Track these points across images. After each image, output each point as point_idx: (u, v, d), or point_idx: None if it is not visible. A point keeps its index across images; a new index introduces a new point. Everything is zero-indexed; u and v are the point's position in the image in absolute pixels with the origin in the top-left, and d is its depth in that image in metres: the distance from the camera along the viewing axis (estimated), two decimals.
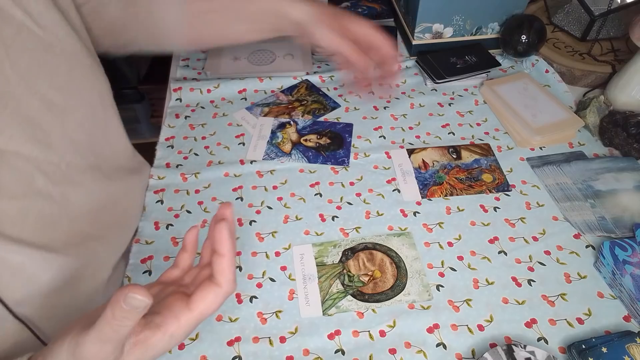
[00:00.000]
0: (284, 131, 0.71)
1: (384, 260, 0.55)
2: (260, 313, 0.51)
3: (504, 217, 0.60)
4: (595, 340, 0.46)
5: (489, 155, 0.68)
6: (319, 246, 0.57)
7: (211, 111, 0.75)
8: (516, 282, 0.53)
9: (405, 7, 0.86)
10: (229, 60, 0.83)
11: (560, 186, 0.63)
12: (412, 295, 0.52)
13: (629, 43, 0.83)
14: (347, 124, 0.73)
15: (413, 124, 0.73)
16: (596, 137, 0.70)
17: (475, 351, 0.48)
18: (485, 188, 0.63)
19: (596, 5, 0.81)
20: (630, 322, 0.50)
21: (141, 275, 0.54)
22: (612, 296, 0.52)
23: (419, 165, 0.66)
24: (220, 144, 0.70)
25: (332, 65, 0.84)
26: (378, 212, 0.61)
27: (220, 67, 0.81)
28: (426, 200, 0.62)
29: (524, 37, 0.76)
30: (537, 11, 0.93)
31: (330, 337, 0.49)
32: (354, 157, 0.68)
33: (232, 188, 0.63)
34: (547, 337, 0.49)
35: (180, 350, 0.48)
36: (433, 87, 0.79)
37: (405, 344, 0.48)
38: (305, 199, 0.62)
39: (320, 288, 0.53)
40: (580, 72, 0.79)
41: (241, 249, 0.57)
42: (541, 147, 0.69)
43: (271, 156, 0.68)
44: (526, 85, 0.75)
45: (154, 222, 0.59)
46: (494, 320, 0.50)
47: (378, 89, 0.77)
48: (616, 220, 0.58)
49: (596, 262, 0.55)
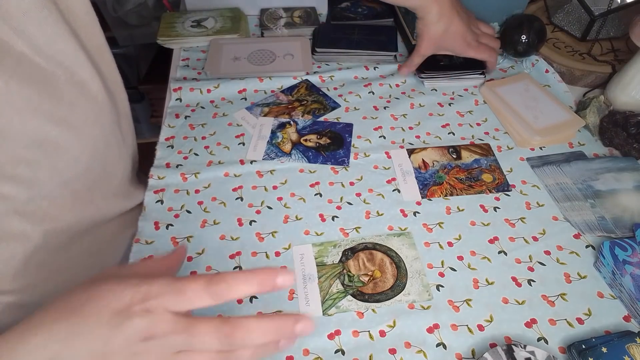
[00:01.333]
0: (284, 131, 0.71)
1: (384, 260, 0.55)
2: (260, 313, 0.51)
3: (504, 217, 0.60)
4: (595, 340, 0.46)
5: (489, 155, 0.68)
6: (319, 246, 0.57)
7: (211, 111, 0.75)
8: (516, 282, 0.53)
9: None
10: (229, 60, 0.83)
11: (560, 186, 0.63)
12: (412, 295, 0.52)
13: (629, 43, 0.83)
14: (347, 124, 0.73)
15: (413, 124, 0.73)
16: (596, 137, 0.70)
17: (475, 351, 0.48)
18: (485, 188, 0.63)
19: (596, 5, 0.81)
20: (630, 322, 0.50)
21: None
22: (612, 296, 0.52)
23: (419, 165, 0.66)
24: (220, 144, 0.70)
25: (332, 65, 0.84)
26: (378, 212, 0.61)
27: (220, 67, 0.81)
28: (426, 200, 0.62)
29: (524, 37, 0.76)
30: (537, 11, 0.93)
31: (330, 337, 0.49)
32: (354, 157, 0.68)
33: (232, 188, 0.63)
34: (547, 337, 0.49)
35: None
36: (433, 87, 0.79)
37: (405, 344, 0.48)
38: (305, 199, 0.62)
39: (320, 288, 0.53)
40: (580, 72, 0.79)
41: (241, 249, 0.57)
42: (541, 147, 0.69)
43: (271, 156, 0.68)
44: (527, 86, 0.75)
45: (154, 222, 0.59)
46: (494, 320, 0.50)
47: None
48: (616, 220, 0.58)
49: (596, 262, 0.55)
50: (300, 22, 0.91)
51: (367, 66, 0.84)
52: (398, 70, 0.81)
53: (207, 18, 0.91)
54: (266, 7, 0.95)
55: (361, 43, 0.85)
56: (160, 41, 0.87)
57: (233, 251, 0.56)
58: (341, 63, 0.85)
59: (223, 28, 0.89)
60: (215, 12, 0.93)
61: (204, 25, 0.90)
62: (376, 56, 0.84)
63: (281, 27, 0.90)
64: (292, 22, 0.91)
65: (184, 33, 0.88)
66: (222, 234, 0.58)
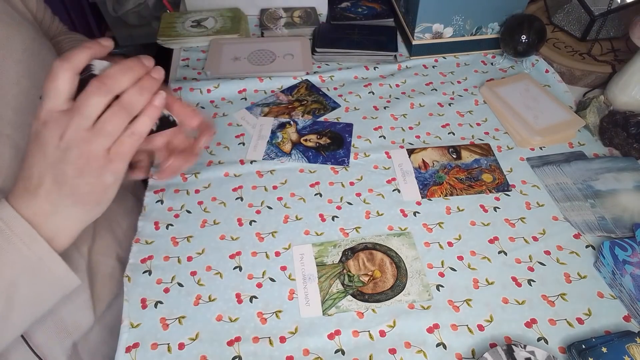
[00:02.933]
0: (284, 131, 0.71)
1: (384, 260, 0.55)
2: (260, 313, 0.51)
3: (504, 217, 0.60)
4: (595, 340, 0.46)
5: (489, 155, 0.68)
6: (319, 246, 0.57)
7: (211, 111, 0.75)
8: (516, 282, 0.53)
9: (405, 7, 0.86)
10: (229, 60, 0.83)
11: (560, 186, 0.63)
12: (412, 295, 0.52)
13: (629, 43, 0.83)
14: (347, 124, 0.73)
15: (413, 124, 0.73)
16: (596, 137, 0.70)
17: (475, 351, 0.48)
18: (485, 188, 0.63)
19: (596, 5, 0.81)
20: (630, 322, 0.50)
21: (141, 275, 0.54)
22: (612, 296, 0.52)
23: (419, 165, 0.66)
24: (220, 144, 0.70)
25: (332, 65, 0.84)
26: (378, 212, 0.61)
27: (220, 67, 0.81)
28: (426, 200, 0.62)
29: (524, 37, 0.76)
30: (537, 11, 0.93)
31: (330, 337, 0.49)
32: (354, 157, 0.68)
33: (232, 188, 0.63)
34: (547, 337, 0.49)
35: (180, 350, 0.48)
36: (433, 87, 0.80)
37: (405, 344, 0.48)
38: (305, 199, 0.62)
39: (320, 288, 0.53)
40: (580, 72, 0.79)
41: (241, 249, 0.57)
42: (541, 147, 0.69)
43: (271, 156, 0.68)
44: (527, 86, 0.75)
45: (154, 222, 0.59)
46: (494, 320, 0.50)
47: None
48: (616, 220, 0.58)
49: (596, 262, 0.55)
50: (300, 22, 0.91)
51: (367, 66, 0.84)
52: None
53: (207, 18, 0.91)
54: (266, 7, 0.95)
55: (361, 43, 0.85)
56: (160, 41, 0.87)
57: (233, 251, 0.56)
58: (341, 63, 0.85)
59: (223, 28, 0.89)
60: (215, 12, 0.93)
61: (204, 25, 0.90)
62: (376, 56, 0.84)
63: (281, 27, 0.90)
64: (292, 22, 0.91)
65: (184, 33, 0.88)
66: (222, 234, 0.58)
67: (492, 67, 0.84)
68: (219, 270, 0.54)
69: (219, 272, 0.54)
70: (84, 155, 0.38)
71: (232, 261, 0.55)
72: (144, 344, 0.48)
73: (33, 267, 0.40)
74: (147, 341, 0.48)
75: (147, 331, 0.49)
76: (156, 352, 0.48)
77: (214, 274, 0.54)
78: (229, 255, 0.56)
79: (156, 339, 0.49)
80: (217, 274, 0.54)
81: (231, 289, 0.53)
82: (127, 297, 0.52)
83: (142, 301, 0.52)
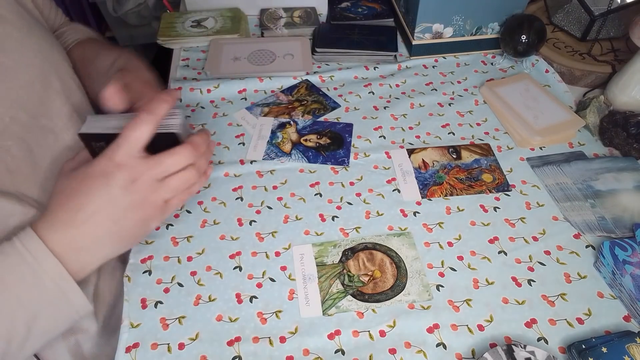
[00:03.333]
0: (284, 131, 0.71)
1: (384, 260, 0.55)
2: (260, 313, 0.51)
3: (504, 217, 0.60)
4: (595, 340, 0.46)
5: (489, 155, 0.68)
6: (319, 246, 0.57)
7: (211, 111, 0.75)
8: (516, 282, 0.53)
9: (405, 7, 0.86)
10: (229, 60, 0.83)
11: (560, 186, 0.63)
12: (412, 295, 0.52)
13: (629, 43, 0.83)
14: (347, 124, 0.73)
15: (413, 124, 0.73)
16: (596, 137, 0.70)
17: (475, 351, 0.48)
18: (485, 188, 0.63)
19: (596, 5, 0.81)
20: (630, 322, 0.50)
21: (141, 275, 0.54)
22: (612, 296, 0.52)
23: (419, 165, 0.66)
24: (220, 144, 0.70)
25: (332, 65, 0.84)
26: (378, 212, 0.61)
27: (220, 67, 0.81)
28: (426, 200, 0.62)
29: (524, 37, 0.76)
30: (537, 11, 0.93)
31: (330, 337, 0.49)
32: (354, 157, 0.68)
33: (232, 188, 0.63)
34: (547, 337, 0.49)
35: (180, 350, 0.48)
36: (433, 87, 0.80)
37: (405, 344, 0.48)
38: (305, 199, 0.62)
39: (320, 288, 0.53)
40: (580, 72, 0.79)
41: (241, 249, 0.57)
42: (541, 147, 0.69)
43: (271, 156, 0.68)
44: (527, 86, 0.75)
45: None
46: (494, 320, 0.50)
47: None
48: (616, 220, 0.58)
49: (596, 262, 0.55)
50: (300, 22, 0.91)
51: (367, 66, 0.84)
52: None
53: (207, 18, 0.91)
54: (266, 7, 0.95)
55: (361, 43, 0.85)
56: (161, 41, 0.87)
57: (233, 251, 0.56)
58: (341, 63, 0.85)
59: (223, 28, 0.89)
60: (215, 12, 0.93)
61: (204, 25, 0.90)
62: (376, 56, 0.84)
63: (281, 27, 0.90)
64: (292, 22, 0.91)
65: (184, 33, 0.88)
66: (222, 234, 0.58)
67: (492, 67, 0.84)
68: (219, 270, 0.54)
69: (219, 272, 0.54)
70: (146, 202, 0.42)
71: (232, 261, 0.55)
72: (144, 344, 0.48)
73: (56, 301, 0.41)
74: (147, 341, 0.48)
75: (147, 331, 0.49)
76: (156, 352, 0.48)
77: (214, 274, 0.54)
78: (229, 255, 0.56)
79: (156, 339, 0.49)
80: (217, 274, 0.54)
81: (231, 289, 0.53)
82: (127, 297, 0.52)
83: (142, 301, 0.52)
